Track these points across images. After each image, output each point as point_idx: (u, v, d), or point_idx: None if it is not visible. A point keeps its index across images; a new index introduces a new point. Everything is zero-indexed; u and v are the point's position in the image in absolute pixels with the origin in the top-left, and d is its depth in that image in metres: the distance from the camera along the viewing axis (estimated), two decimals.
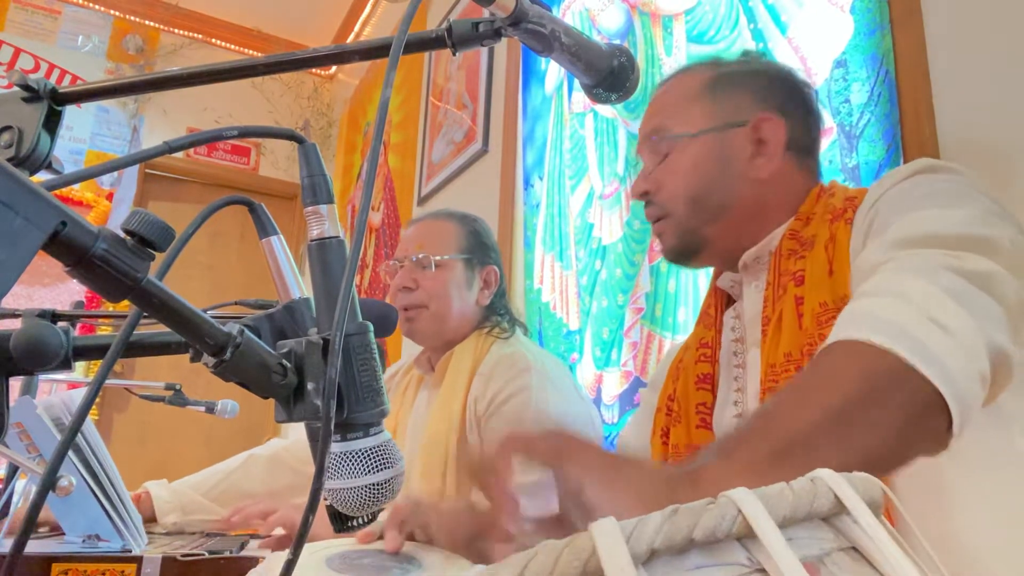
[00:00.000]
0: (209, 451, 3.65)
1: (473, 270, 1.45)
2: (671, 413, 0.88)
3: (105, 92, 0.53)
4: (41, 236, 0.31)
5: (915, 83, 1.10)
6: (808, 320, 0.72)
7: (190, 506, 1.47)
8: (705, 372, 0.87)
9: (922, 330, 0.53)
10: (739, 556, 0.23)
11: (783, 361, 0.72)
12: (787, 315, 0.74)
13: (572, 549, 0.21)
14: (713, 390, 0.85)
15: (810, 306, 0.73)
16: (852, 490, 0.25)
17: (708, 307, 0.95)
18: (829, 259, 0.74)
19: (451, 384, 1.36)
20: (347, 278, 0.39)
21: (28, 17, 3.94)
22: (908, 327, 0.53)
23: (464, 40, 0.52)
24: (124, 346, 0.39)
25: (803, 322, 0.72)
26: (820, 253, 0.76)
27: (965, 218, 0.63)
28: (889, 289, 0.58)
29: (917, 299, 0.55)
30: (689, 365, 0.90)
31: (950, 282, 0.57)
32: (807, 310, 0.73)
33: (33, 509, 0.35)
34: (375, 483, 0.43)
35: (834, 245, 0.75)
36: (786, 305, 0.75)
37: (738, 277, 0.88)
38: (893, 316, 0.54)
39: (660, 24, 1.74)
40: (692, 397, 0.86)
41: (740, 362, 0.84)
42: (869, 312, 0.56)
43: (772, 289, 0.79)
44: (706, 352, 0.88)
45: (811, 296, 0.73)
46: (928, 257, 0.60)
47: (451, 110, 2.78)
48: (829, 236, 0.76)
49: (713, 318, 0.91)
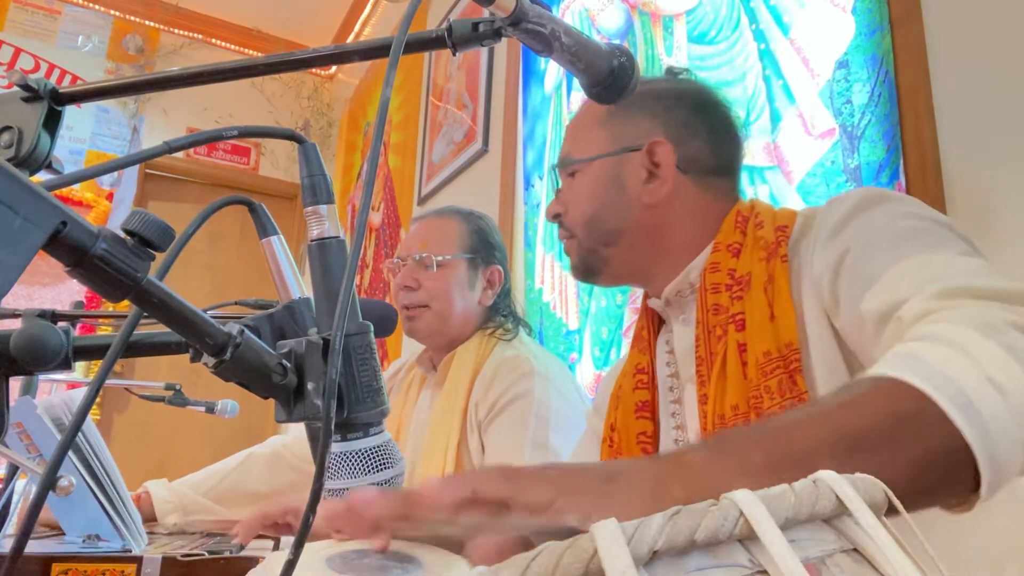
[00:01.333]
0: (209, 451, 3.65)
1: (476, 270, 1.43)
2: (612, 444, 0.87)
3: (105, 92, 0.53)
4: (41, 236, 0.31)
5: (915, 83, 1.10)
6: (752, 370, 0.70)
7: (190, 506, 1.46)
8: (644, 400, 0.86)
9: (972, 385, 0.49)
10: (741, 557, 0.23)
11: (731, 414, 0.70)
12: (731, 362, 0.72)
13: (574, 550, 0.21)
14: (653, 418, 0.84)
15: (753, 355, 0.70)
16: (854, 491, 0.24)
17: (641, 329, 0.93)
18: (770, 303, 0.72)
19: (452, 386, 1.35)
20: (347, 278, 0.39)
21: (28, 17, 3.94)
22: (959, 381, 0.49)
23: (464, 40, 0.52)
24: (124, 346, 0.39)
25: (747, 371, 0.70)
26: (759, 296, 0.73)
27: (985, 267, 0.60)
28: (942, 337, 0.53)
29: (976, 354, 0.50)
30: (627, 392, 0.88)
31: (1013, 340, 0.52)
32: (751, 359, 0.71)
33: (33, 509, 0.35)
34: (375, 483, 0.44)
35: (773, 287, 0.72)
36: (730, 351, 0.73)
37: (663, 307, 0.88)
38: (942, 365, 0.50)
39: (660, 24, 1.74)
40: (632, 427, 0.85)
41: (676, 397, 0.84)
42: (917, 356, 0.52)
43: (703, 328, 0.78)
44: (643, 379, 0.87)
45: (753, 343, 0.71)
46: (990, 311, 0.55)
47: (451, 110, 2.78)
48: (767, 277, 0.74)
49: (647, 341, 0.91)
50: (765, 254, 0.76)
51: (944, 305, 0.57)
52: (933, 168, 1.06)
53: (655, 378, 0.87)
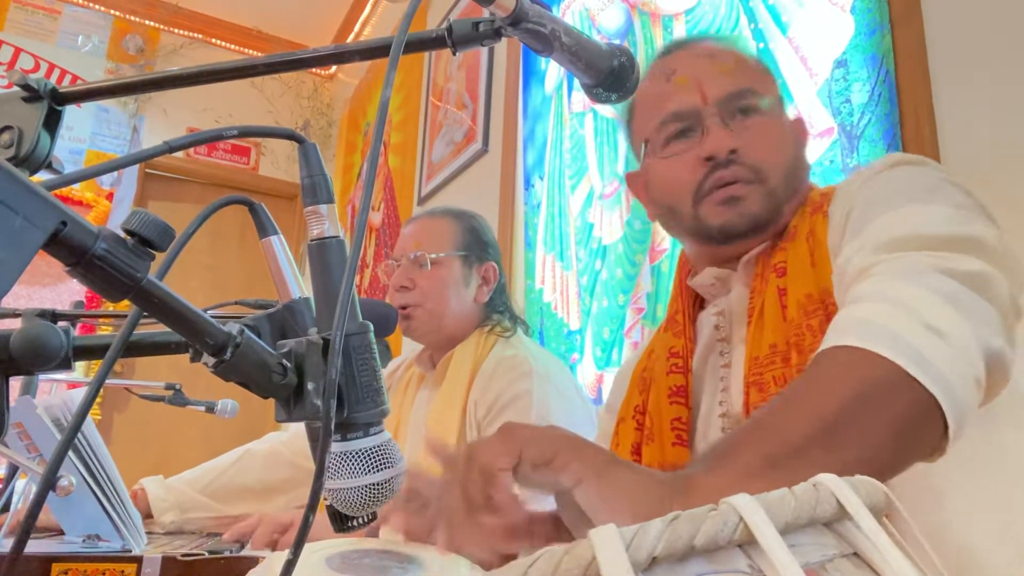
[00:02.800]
0: (209, 451, 3.63)
1: (471, 267, 1.44)
2: (642, 428, 0.85)
3: (105, 92, 0.52)
4: (41, 236, 0.31)
5: (915, 83, 1.10)
6: (793, 311, 0.71)
7: (187, 504, 1.46)
8: (678, 384, 0.83)
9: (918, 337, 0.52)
10: (740, 563, 0.23)
11: (768, 353, 0.71)
12: (769, 306, 0.73)
13: (572, 556, 0.21)
14: (688, 403, 0.82)
15: (794, 297, 0.72)
16: (854, 495, 0.24)
17: (675, 312, 0.91)
18: (811, 250, 0.74)
19: (451, 385, 1.35)
20: (347, 278, 0.39)
21: (28, 17, 3.94)
22: (904, 334, 0.53)
23: (464, 40, 0.52)
24: (124, 346, 0.39)
25: (787, 313, 0.71)
26: (801, 244, 0.75)
27: (948, 216, 0.63)
28: (882, 294, 0.57)
29: (911, 304, 0.55)
30: (660, 376, 0.86)
31: (942, 285, 0.56)
32: (791, 301, 0.72)
33: (33, 509, 0.35)
34: (375, 483, 0.43)
35: (813, 237, 0.74)
36: (768, 296, 0.74)
37: (724, 274, 0.85)
38: (888, 323, 0.54)
39: (660, 24, 1.74)
40: (665, 412, 0.83)
41: (726, 362, 0.82)
42: (863, 319, 0.56)
43: (759, 281, 0.78)
44: (677, 363, 0.85)
45: (794, 287, 0.72)
46: (917, 260, 0.59)
47: (451, 110, 2.78)
48: (809, 229, 0.76)
49: (682, 325, 0.88)
50: (811, 209, 0.78)
51: (880, 259, 0.61)
52: None
53: (689, 362, 0.85)
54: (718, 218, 0.80)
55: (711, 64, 0.84)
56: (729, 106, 0.81)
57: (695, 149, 0.81)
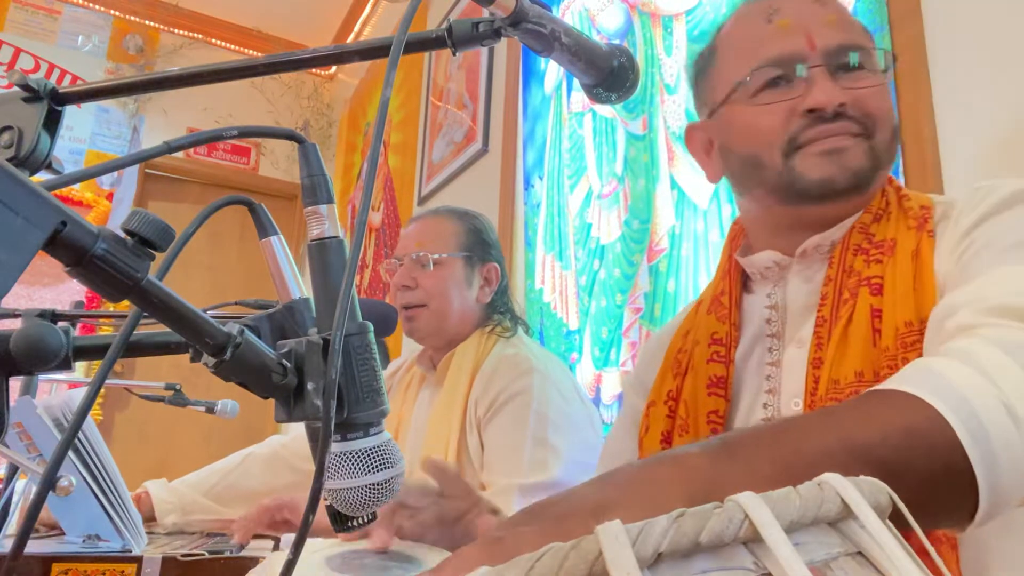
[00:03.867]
0: (209, 451, 3.65)
1: (473, 267, 1.44)
2: (674, 416, 0.80)
3: (105, 92, 0.52)
4: (41, 236, 0.31)
5: (915, 83, 1.10)
6: (889, 339, 0.65)
7: (190, 506, 1.47)
8: (718, 375, 0.78)
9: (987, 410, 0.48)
10: (745, 560, 0.23)
11: (852, 380, 0.65)
12: (858, 327, 0.67)
13: (578, 551, 0.21)
14: (727, 395, 0.77)
15: (892, 323, 0.65)
16: (859, 495, 0.24)
17: (720, 293, 0.84)
18: (915, 272, 0.67)
19: (452, 385, 1.35)
20: (347, 278, 0.39)
21: (28, 17, 3.94)
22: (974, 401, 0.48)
23: (464, 40, 0.52)
24: (124, 346, 0.39)
25: (881, 340, 0.65)
26: (905, 263, 0.68)
27: None
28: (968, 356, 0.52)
29: (996, 377, 0.50)
30: (699, 363, 0.80)
31: None
32: (887, 327, 0.65)
33: (33, 509, 0.35)
34: (375, 483, 0.43)
35: (919, 259, 0.68)
36: (858, 315, 0.68)
37: (786, 261, 0.79)
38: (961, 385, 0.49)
39: (660, 24, 1.74)
40: (703, 403, 0.78)
41: (775, 360, 0.76)
42: (937, 372, 0.51)
43: (835, 286, 0.72)
44: (719, 351, 0.79)
45: (893, 311, 0.66)
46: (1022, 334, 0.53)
47: (451, 110, 2.78)
48: (915, 247, 0.69)
49: (728, 309, 0.81)
50: (915, 223, 0.71)
51: (987, 322, 0.55)
52: (933, 168, 1.06)
53: (732, 351, 0.79)
54: (818, 171, 0.73)
55: (820, 10, 0.77)
56: (839, 58, 0.74)
57: (795, 100, 0.74)
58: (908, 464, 0.47)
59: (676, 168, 1.60)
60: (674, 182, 1.60)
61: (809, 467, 0.45)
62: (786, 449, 0.47)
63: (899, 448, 0.47)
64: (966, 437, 0.47)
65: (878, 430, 0.47)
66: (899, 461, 0.46)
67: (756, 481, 0.44)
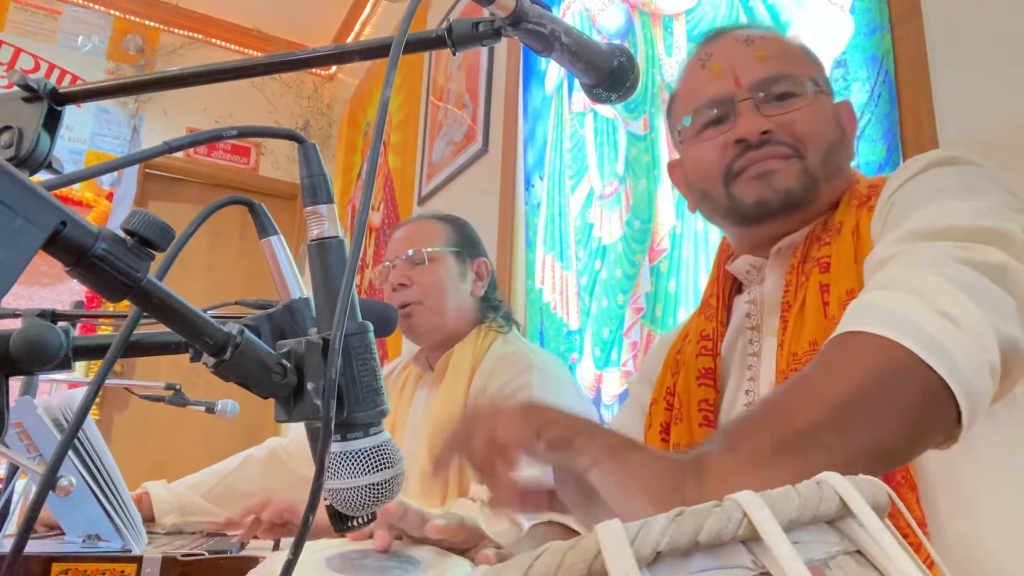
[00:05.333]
0: (209, 451, 3.65)
1: (464, 262, 1.48)
2: (671, 408, 0.86)
3: (105, 92, 0.53)
4: (41, 236, 0.31)
5: (915, 83, 1.10)
6: (834, 308, 0.70)
7: (189, 507, 1.47)
8: (706, 367, 0.84)
9: (931, 323, 0.52)
10: (744, 559, 0.23)
11: (807, 350, 0.70)
12: (811, 302, 0.72)
13: (577, 551, 0.21)
14: (715, 385, 0.83)
15: (836, 293, 0.70)
16: (857, 493, 0.24)
17: (710, 296, 0.91)
18: (855, 246, 0.73)
19: (451, 382, 1.36)
20: (347, 278, 0.39)
21: (28, 17, 3.94)
22: (917, 320, 0.52)
23: (464, 40, 0.52)
24: (124, 346, 0.39)
25: (828, 310, 0.70)
26: (847, 239, 0.74)
27: (978, 210, 0.62)
28: (898, 282, 0.57)
29: (926, 292, 0.55)
30: (690, 359, 0.86)
31: (960, 274, 0.56)
32: (833, 297, 0.70)
33: (33, 509, 0.35)
34: (375, 483, 0.43)
35: (858, 233, 0.73)
36: (810, 292, 0.73)
37: (759, 262, 0.85)
38: (902, 309, 0.54)
39: (660, 24, 1.74)
40: (694, 394, 0.83)
41: (755, 351, 0.81)
42: (877, 305, 0.56)
43: (795, 274, 0.77)
44: (707, 345, 0.85)
45: (838, 283, 0.71)
46: (939, 249, 0.59)
47: (451, 110, 2.78)
48: (855, 224, 0.74)
49: (715, 308, 0.88)
50: (857, 203, 0.77)
51: (902, 249, 0.61)
52: None
53: (718, 345, 0.85)
54: (752, 194, 0.79)
55: (747, 49, 0.83)
56: (763, 91, 0.80)
57: (727, 135, 0.81)
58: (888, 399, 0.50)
59: None
60: None
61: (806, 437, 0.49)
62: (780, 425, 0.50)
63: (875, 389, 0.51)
64: (924, 353, 0.51)
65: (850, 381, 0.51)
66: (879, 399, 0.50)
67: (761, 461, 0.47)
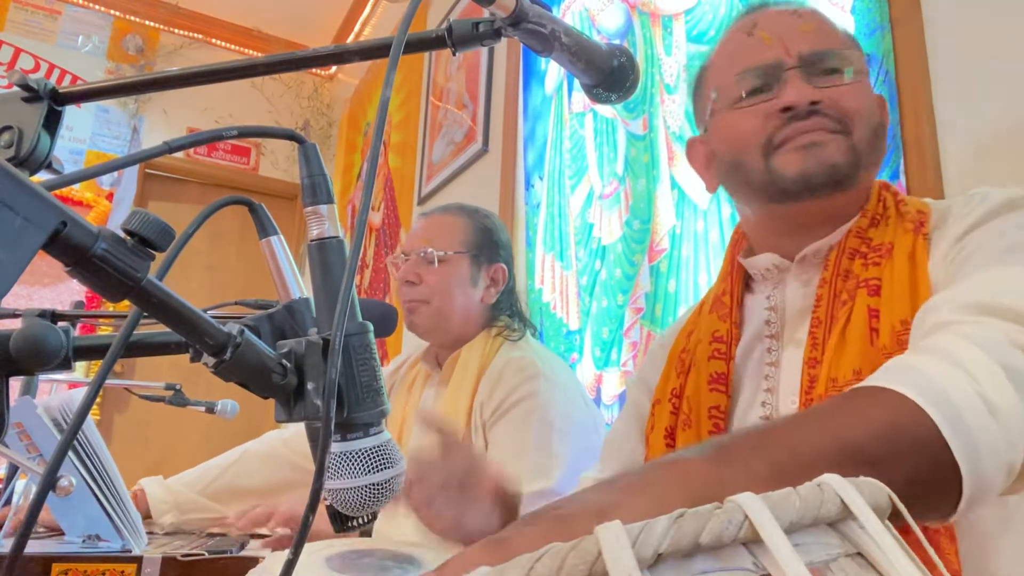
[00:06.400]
0: (209, 451, 3.62)
1: (479, 267, 1.43)
2: (678, 412, 0.82)
3: (105, 92, 0.52)
4: (41, 236, 0.31)
5: (915, 83, 1.10)
6: (885, 338, 0.66)
7: (186, 505, 1.46)
8: (719, 371, 0.80)
9: (966, 403, 0.50)
10: (745, 561, 0.23)
11: (851, 378, 0.66)
12: (856, 326, 0.69)
13: (578, 552, 0.21)
14: (728, 391, 0.79)
15: (888, 322, 0.67)
16: (858, 496, 0.24)
17: (723, 293, 0.86)
18: (911, 274, 0.69)
19: (458, 385, 1.35)
20: (347, 278, 0.39)
21: (28, 17, 3.94)
22: (953, 396, 0.50)
23: (464, 40, 0.52)
24: (124, 346, 0.39)
25: (879, 339, 0.67)
26: (902, 265, 0.70)
27: None
28: (946, 352, 0.54)
29: (972, 370, 0.52)
30: (701, 360, 0.82)
31: (1012, 361, 0.53)
32: (884, 326, 0.67)
33: (33, 509, 0.35)
34: (375, 483, 0.43)
35: (914, 260, 0.70)
36: (856, 315, 0.69)
37: (785, 264, 0.81)
38: (940, 380, 0.51)
39: (660, 24, 1.74)
40: (704, 399, 0.80)
41: (773, 360, 0.78)
42: (917, 368, 0.53)
43: (829, 288, 0.74)
44: (720, 348, 0.81)
45: (891, 312, 0.67)
46: (998, 330, 0.56)
47: (451, 110, 2.78)
48: (911, 249, 0.71)
49: (729, 308, 0.83)
50: (912, 226, 0.73)
51: (963, 319, 0.58)
52: (933, 168, 1.06)
53: (732, 348, 0.81)
54: (795, 166, 0.75)
55: (796, 21, 0.80)
56: (813, 64, 0.77)
57: (771, 102, 0.77)
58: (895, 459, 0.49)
59: (676, 168, 1.61)
60: (674, 182, 1.60)
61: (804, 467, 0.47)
62: (781, 450, 0.48)
63: (886, 444, 0.49)
64: (947, 430, 0.49)
65: (865, 428, 0.49)
66: (887, 456, 0.48)
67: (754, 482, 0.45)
